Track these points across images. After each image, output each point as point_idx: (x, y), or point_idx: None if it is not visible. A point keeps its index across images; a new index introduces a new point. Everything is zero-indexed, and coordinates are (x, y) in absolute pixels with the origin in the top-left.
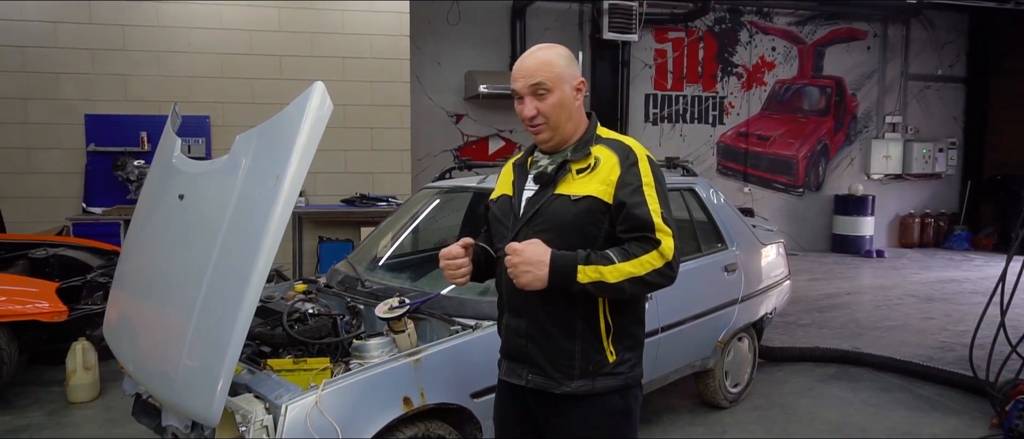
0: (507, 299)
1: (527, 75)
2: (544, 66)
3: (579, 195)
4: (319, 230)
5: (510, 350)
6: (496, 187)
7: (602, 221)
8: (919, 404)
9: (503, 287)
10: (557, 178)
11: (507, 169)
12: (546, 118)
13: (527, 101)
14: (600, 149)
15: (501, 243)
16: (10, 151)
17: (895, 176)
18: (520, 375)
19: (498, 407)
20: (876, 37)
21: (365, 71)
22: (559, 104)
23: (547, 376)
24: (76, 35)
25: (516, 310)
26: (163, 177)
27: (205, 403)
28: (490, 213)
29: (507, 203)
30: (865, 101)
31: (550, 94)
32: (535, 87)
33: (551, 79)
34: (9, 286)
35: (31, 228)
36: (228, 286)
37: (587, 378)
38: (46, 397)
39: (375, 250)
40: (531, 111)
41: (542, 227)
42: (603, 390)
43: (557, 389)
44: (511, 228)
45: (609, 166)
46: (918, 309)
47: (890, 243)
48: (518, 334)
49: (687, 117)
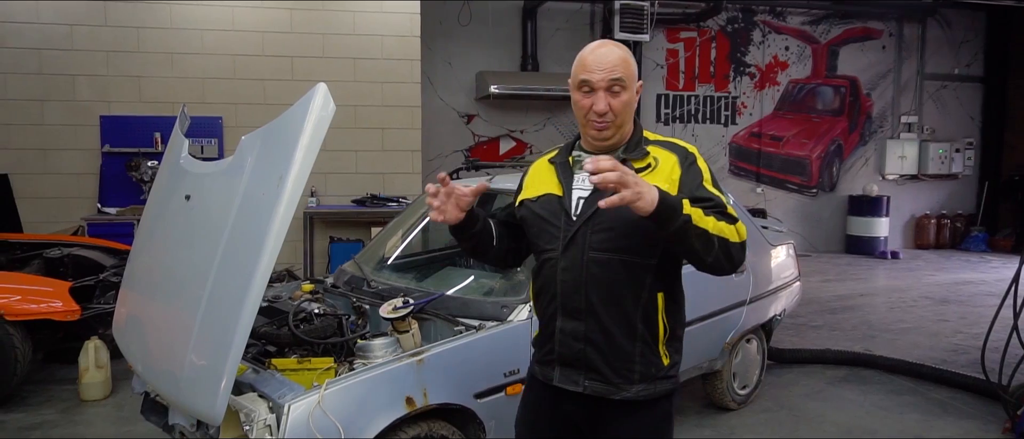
0: (563, 301)
1: (607, 69)
2: (623, 63)
3: None
4: (330, 230)
5: (566, 355)
6: (528, 186)
7: None
8: (931, 407)
9: (558, 289)
10: None
11: (542, 167)
12: (616, 116)
13: (601, 96)
14: (656, 150)
15: (550, 243)
16: (27, 152)
17: (911, 177)
18: (577, 381)
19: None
20: (891, 36)
21: (376, 72)
22: (628, 104)
23: (606, 381)
24: (91, 37)
25: (574, 312)
26: (171, 178)
27: (209, 402)
28: (525, 213)
29: (555, 203)
30: (880, 101)
31: (624, 92)
32: (613, 83)
33: (628, 77)
34: (24, 285)
35: (48, 228)
36: (232, 286)
37: (647, 382)
38: (59, 395)
39: (382, 250)
40: (604, 106)
41: (603, 226)
42: (660, 394)
43: (616, 395)
44: (564, 229)
45: (669, 165)
46: (932, 311)
47: (905, 244)
48: (576, 338)
49: (699, 117)
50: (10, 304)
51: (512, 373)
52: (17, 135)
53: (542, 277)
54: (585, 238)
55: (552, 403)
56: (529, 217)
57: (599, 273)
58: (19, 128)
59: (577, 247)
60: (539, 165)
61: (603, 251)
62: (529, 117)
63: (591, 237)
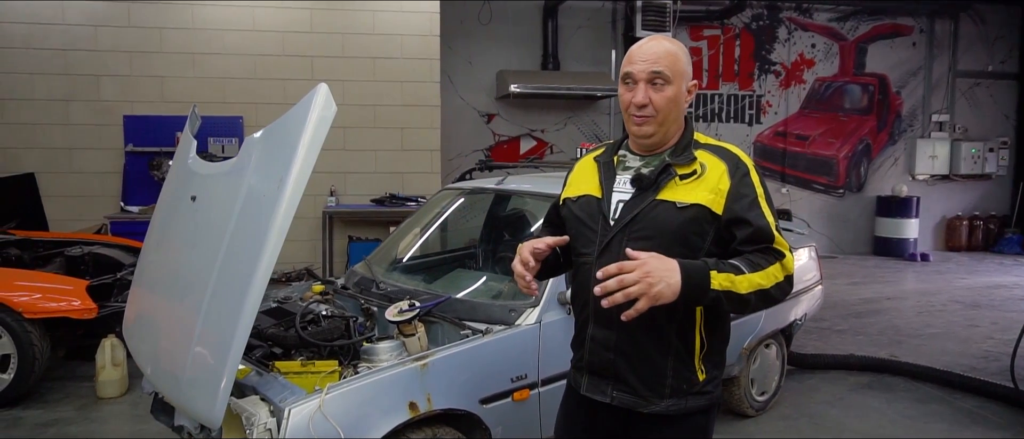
0: (594, 309)
1: (649, 60)
2: (668, 56)
3: (686, 202)
4: (349, 229)
5: (595, 364)
6: (571, 184)
7: (707, 231)
8: (958, 417)
9: (590, 296)
10: (659, 182)
11: (587, 165)
12: (657, 111)
13: (641, 87)
14: (704, 155)
15: (586, 247)
16: (54, 151)
17: (942, 177)
18: (604, 392)
19: (567, 424)
20: (922, 33)
21: (396, 71)
22: (674, 100)
23: (635, 394)
24: (115, 38)
25: (605, 321)
26: (179, 178)
27: (208, 405)
28: (566, 213)
29: (594, 205)
30: (910, 99)
31: (668, 87)
32: (654, 75)
33: (673, 71)
34: (44, 283)
35: (73, 226)
36: (232, 288)
37: (678, 397)
38: (77, 392)
39: (393, 251)
40: (643, 99)
41: (642, 234)
42: (692, 410)
43: (645, 408)
44: (601, 233)
45: (718, 174)
46: (962, 316)
47: (936, 246)
48: (606, 347)
49: (723, 116)
50: (29, 303)
51: (519, 378)
52: (44, 134)
53: (578, 282)
54: (621, 245)
55: (587, 411)
56: (569, 218)
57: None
58: (45, 128)
59: (612, 254)
60: (584, 163)
61: None
62: (550, 116)
63: (628, 245)
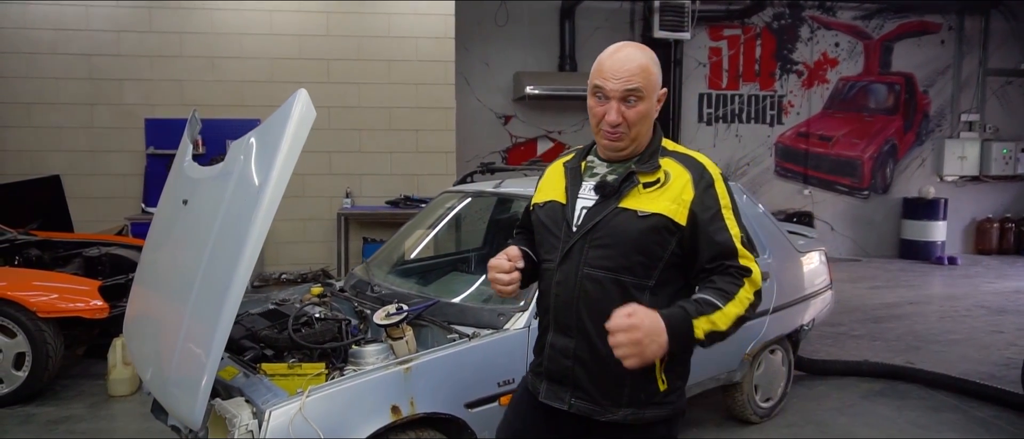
0: (555, 316)
1: (624, 78)
2: (643, 72)
3: (647, 211)
4: (364, 231)
5: (553, 371)
6: (541, 190)
7: (668, 241)
8: (972, 426)
9: (551, 302)
10: (622, 190)
11: (556, 171)
12: (630, 127)
13: (614, 105)
14: (669, 163)
15: (550, 254)
16: (78, 154)
17: (971, 178)
18: (562, 399)
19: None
20: (951, 30)
21: (411, 74)
22: (646, 115)
23: (592, 401)
24: (137, 42)
25: (565, 329)
26: (174, 182)
27: (189, 406)
28: (534, 218)
29: (558, 211)
30: (938, 98)
31: (641, 103)
32: (629, 93)
33: (647, 87)
34: (59, 283)
35: (96, 227)
36: (214, 291)
37: (636, 406)
38: (89, 390)
39: (393, 254)
40: (616, 118)
41: (601, 242)
42: (652, 420)
43: (602, 417)
44: (563, 240)
45: (681, 184)
46: (987, 321)
47: (965, 249)
48: (565, 355)
49: (743, 117)
50: (43, 302)
51: (506, 383)
52: (69, 137)
53: (541, 287)
54: (581, 253)
55: (545, 418)
56: (536, 223)
57: (592, 290)
58: (71, 131)
59: (572, 261)
60: (554, 168)
61: (598, 268)
62: (567, 118)
63: (588, 253)
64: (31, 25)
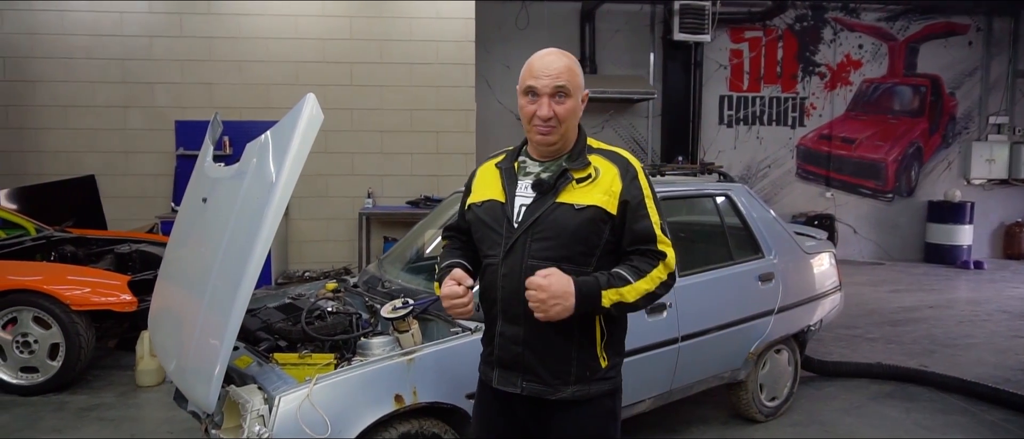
0: (502, 307)
1: (553, 76)
2: (568, 71)
3: (583, 204)
4: (384, 230)
5: (504, 358)
6: (475, 190)
7: (603, 230)
8: (980, 429)
9: (497, 295)
10: (558, 186)
11: (489, 171)
12: (560, 122)
13: (544, 101)
14: (597, 159)
15: (492, 249)
16: (112, 155)
17: (999, 181)
18: (514, 383)
19: (482, 414)
20: (979, 31)
21: (431, 76)
22: (573, 111)
23: (543, 383)
24: (168, 47)
25: (513, 318)
26: (196, 182)
27: (204, 392)
28: (472, 217)
29: (498, 209)
30: (965, 101)
31: (569, 100)
32: (557, 89)
33: (572, 85)
34: (91, 278)
35: (128, 225)
36: (226, 285)
37: (582, 383)
38: (118, 380)
39: (405, 252)
40: (548, 112)
41: (543, 235)
42: (597, 394)
43: (553, 396)
44: (505, 235)
45: (610, 177)
46: (1007, 326)
47: (993, 254)
48: (514, 342)
49: (764, 119)
50: (77, 296)
51: None
52: (103, 139)
53: (485, 282)
54: (525, 246)
55: (503, 403)
56: (474, 222)
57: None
58: (106, 132)
59: (516, 254)
60: (486, 168)
61: (541, 259)
62: (586, 119)
63: (531, 245)
64: (68, 31)
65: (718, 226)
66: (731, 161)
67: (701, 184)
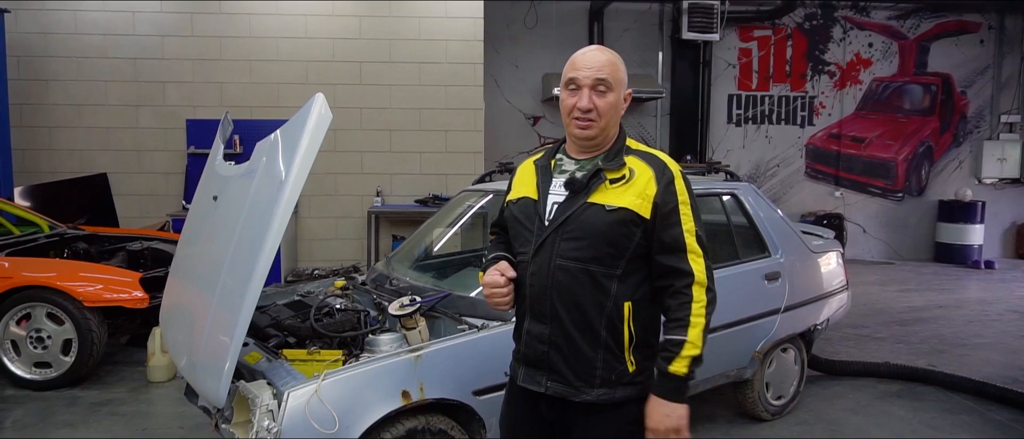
0: (530, 304)
1: (594, 68)
2: (610, 65)
3: (615, 206)
4: (393, 229)
5: (530, 356)
6: (514, 187)
7: (634, 233)
8: (987, 429)
9: (526, 292)
10: (590, 186)
11: (527, 169)
12: (600, 115)
13: (585, 93)
14: (633, 161)
15: (524, 247)
16: (124, 153)
17: (1012, 180)
18: (539, 382)
19: (509, 412)
20: (991, 29)
21: (440, 76)
22: (614, 106)
23: (567, 384)
24: (180, 47)
25: (540, 316)
26: (207, 180)
27: (214, 386)
28: (508, 214)
29: (531, 206)
30: (977, 100)
31: (610, 93)
32: (598, 82)
33: (614, 79)
34: (104, 275)
35: (140, 223)
36: (236, 282)
37: (608, 387)
38: (130, 376)
39: (413, 250)
40: (588, 104)
41: (573, 235)
42: (622, 399)
43: (577, 397)
44: (536, 233)
45: (645, 180)
46: (1017, 326)
47: (1005, 254)
48: (540, 341)
49: (773, 118)
50: (89, 292)
51: None
52: (116, 137)
53: (516, 279)
54: (554, 245)
55: (529, 402)
56: (510, 219)
57: (564, 280)
58: (118, 131)
59: (545, 253)
60: (525, 166)
61: (570, 260)
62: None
63: (560, 245)
64: (81, 31)
65: (725, 225)
66: (740, 160)
67: (708, 183)
